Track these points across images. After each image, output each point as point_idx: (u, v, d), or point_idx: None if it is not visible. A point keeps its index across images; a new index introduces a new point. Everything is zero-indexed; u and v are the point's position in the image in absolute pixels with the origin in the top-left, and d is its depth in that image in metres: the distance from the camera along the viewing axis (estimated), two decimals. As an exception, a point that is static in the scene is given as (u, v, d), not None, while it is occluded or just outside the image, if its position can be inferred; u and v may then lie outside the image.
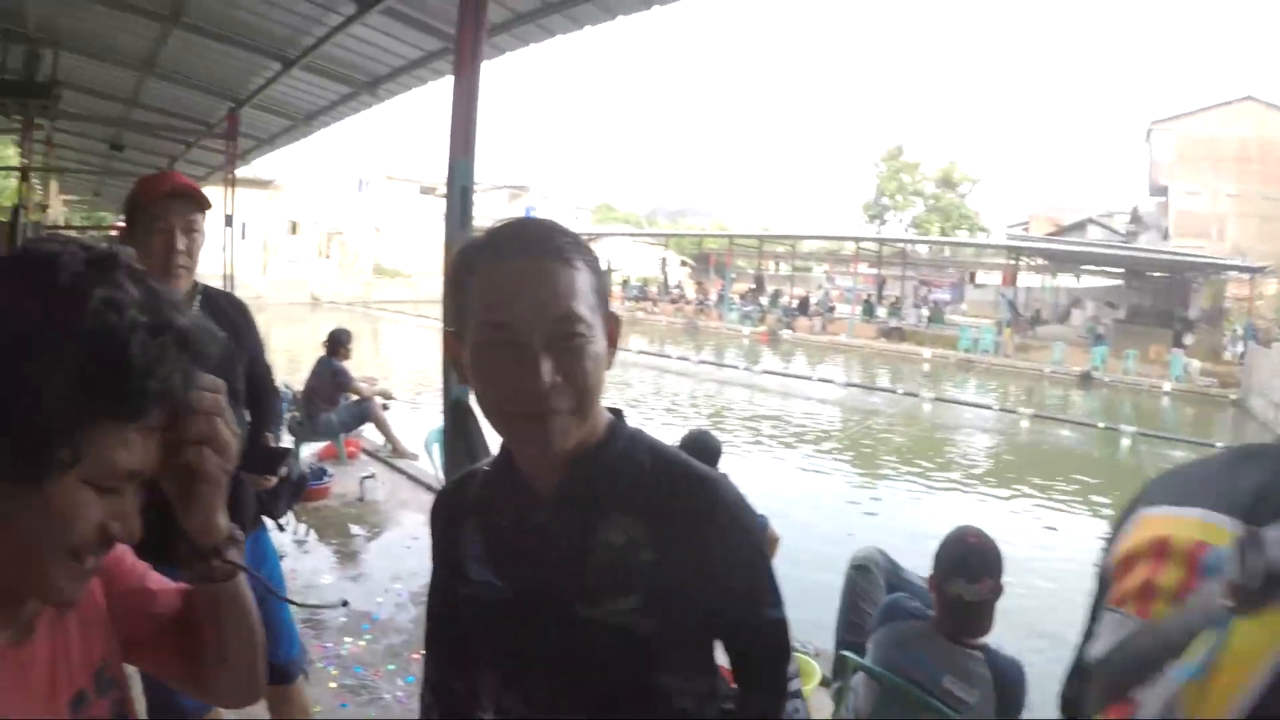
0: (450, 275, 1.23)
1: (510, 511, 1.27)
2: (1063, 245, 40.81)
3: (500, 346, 1.12)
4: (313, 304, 40.90)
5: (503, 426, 1.18)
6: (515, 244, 1.16)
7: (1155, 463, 14.56)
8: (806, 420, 18.83)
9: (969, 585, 2.81)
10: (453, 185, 5.01)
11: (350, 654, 4.56)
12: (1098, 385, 27.28)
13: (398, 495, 7.74)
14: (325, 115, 9.88)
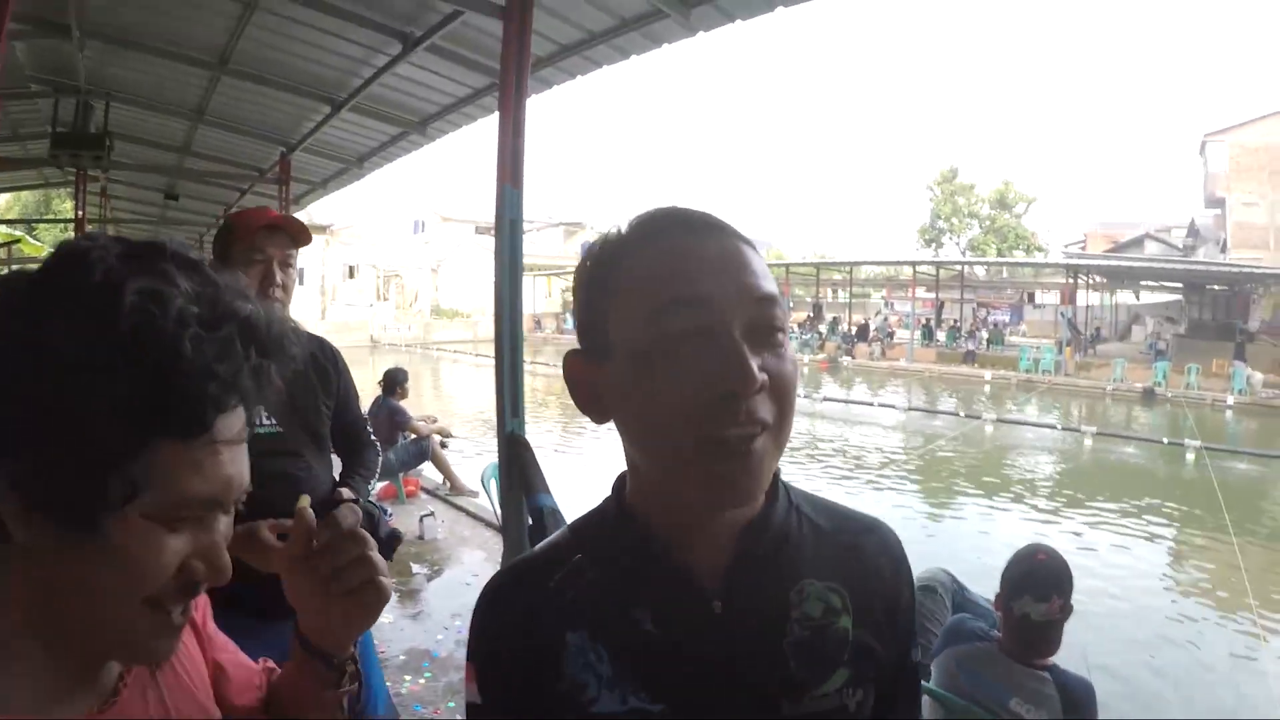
0: (584, 278, 0.98)
1: (659, 604, 0.95)
2: (1120, 262, 40.40)
3: (685, 338, 0.85)
4: (372, 346, 41.41)
5: (685, 460, 0.87)
6: (694, 221, 0.94)
7: (1220, 475, 14.32)
8: (869, 446, 18.75)
9: (1037, 604, 2.73)
10: (501, 218, 4.98)
11: (410, 692, 4.54)
12: (1160, 401, 26.98)
13: (457, 532, 7.74)
14: (376, 156, 9.97)
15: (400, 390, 8.81)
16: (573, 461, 15.08)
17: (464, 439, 14.63)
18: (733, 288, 0.88)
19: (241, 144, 10.16)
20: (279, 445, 2.35)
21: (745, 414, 0.84)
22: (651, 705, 0.91)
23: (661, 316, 0.86)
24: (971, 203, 64.42)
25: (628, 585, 0.96)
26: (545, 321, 51.33)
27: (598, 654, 0.93)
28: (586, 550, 1.00)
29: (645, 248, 0.92)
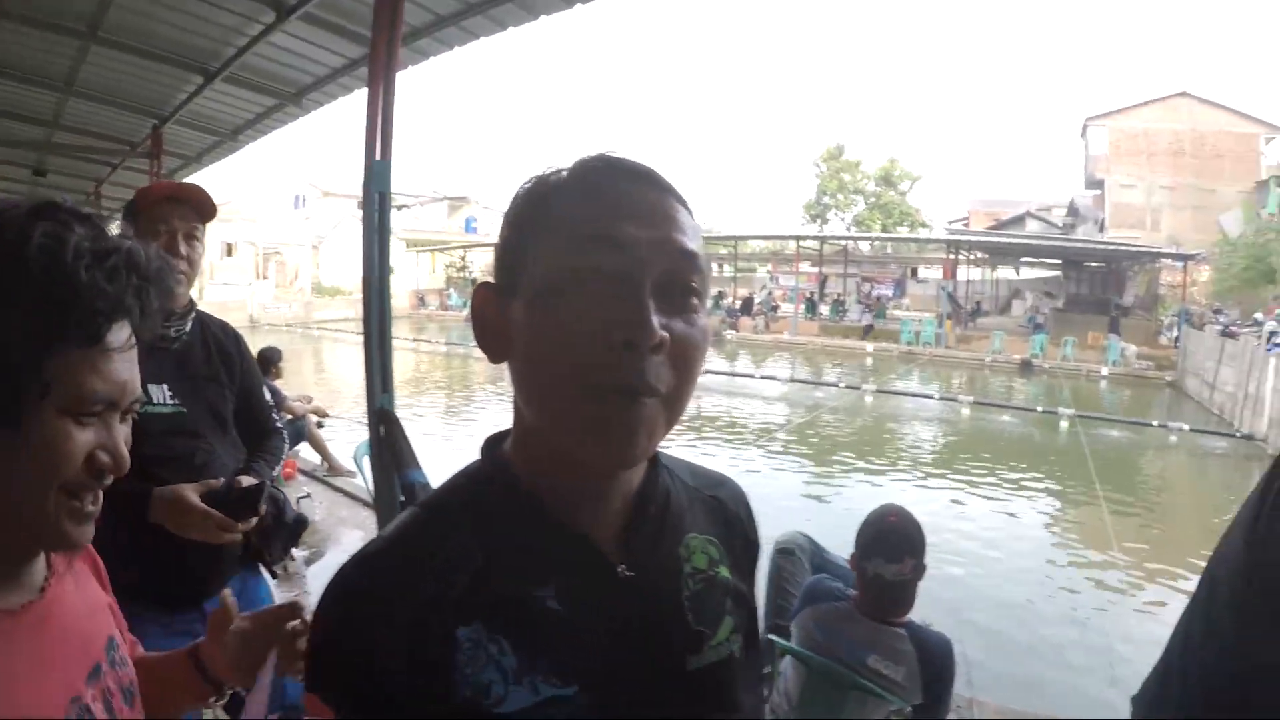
0: (511, 213, 0.90)
1: (561, 578, 0.88)
2: (1001, 239, 41.65)
3: (594, 278, 0.81)
4: (251, 326, 40.28)
5: (567, 409, 0.82)
6: (629, 167, 0.89)
7: (1092, 443, 15.14)
8: (752, 417, 19.05)
9: (889, 564, 2.82)
10: (369, 191, 4.89)
11: (286, 677, 4.44)
12: (1038, 372, 28.04)
13: (335, 513, 7.64)
14: (251, 129, 9.70)
15: (274, 369, 8.60)
16: (466, 441, 14.96)
17: (346, 418, 14.44)
18: (655, 236, 0.83)
19: (113, 117, 9.73)
20: (181, 424, 2.30)
21: (638, 370, 0.79)
22: (565, 689, 0.84)
23: (577, 252, 0.82)
24: (857, 179, 65.59)
25: (525, 561, 0.87)
26: (429, 298, 50.55)
27: (499, 646, 0.83)
28: (467, 525, 0.88)
29: (576, 186, 0.87)
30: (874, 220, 63.20)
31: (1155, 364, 28.11)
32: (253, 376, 2.72)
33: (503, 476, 0.92)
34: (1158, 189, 46.56)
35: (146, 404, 2.12)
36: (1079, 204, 52.42)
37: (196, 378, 2.41)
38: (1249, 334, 20.82)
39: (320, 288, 50.78)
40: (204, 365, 2.46)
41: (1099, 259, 39.39)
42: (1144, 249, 36.67)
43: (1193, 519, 12.72)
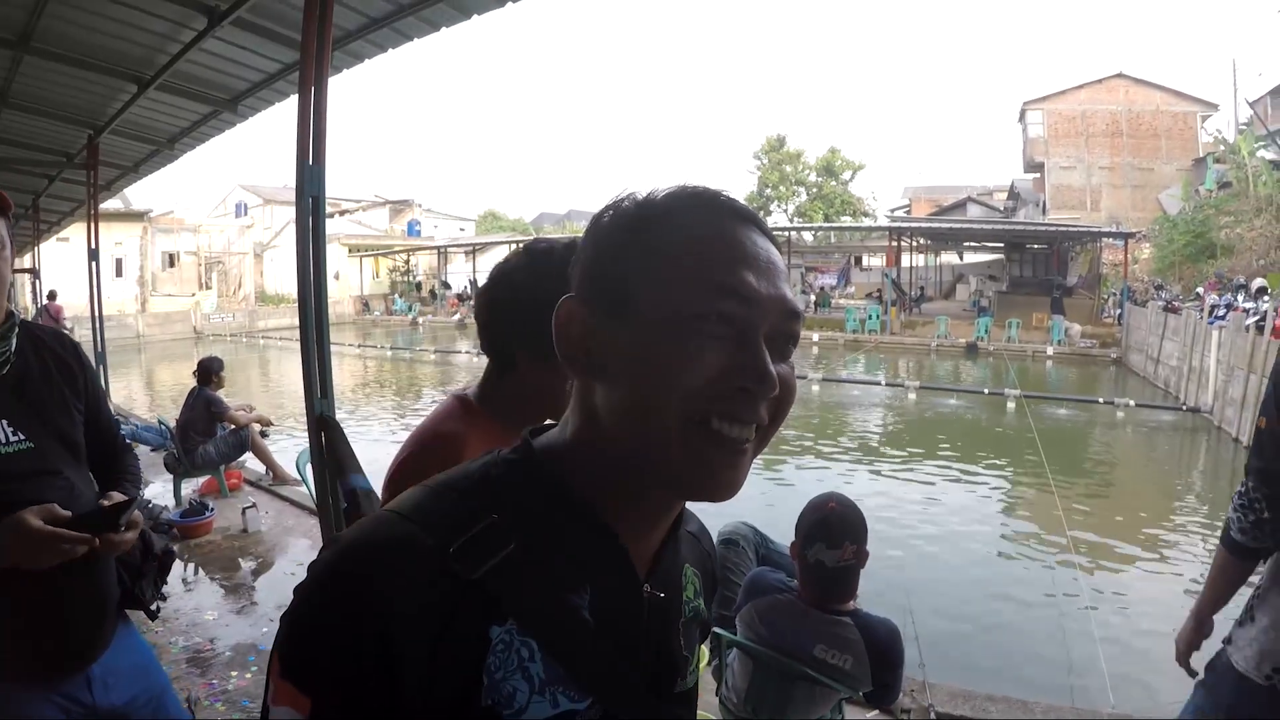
0: (615, 225, 0.89)
1: (598, 588, 0.87)
2: (942, 224, 42.15)
3: (721, 322, 0.81)
4: (196, 338, 39.79)
5: (676, 439, 0.81)
6: (747, 214, 0.90)
7: (1039, 422, 15.20)
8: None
9: (830, 551, 2.81)
10: (302, 196, 4.86)
11: (238, 688, 4.42)
12: (983, 354, 28.45)
13: (282, 523, 7.57)
14: (188, 137, 9.60)
15: (216, 379, 8.48)
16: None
17: (294, 427, 14.31)
18: (774, 294, 0.85)
19: (47, 128, 9.56)
20: (33, 464, 1.97)
21: (753, 411, 0.82)
22: (579, 703, 0.81)
23: (704, 298, 0.81)
24: (799, 170, 65.89)
25: (564, 563, 0.85)
26: (374, 303, 50.17)
27: (529, 651, 0.80)
28: (498, 509, 0.83)
29: (701, 220, 0.87)
30: (816, 211, 63.50)
31: (1100, 342, 28.57)
32: (98, 391, 2.32)
33: (551, 475, 0.88)
34: (1097, 169, 47.14)
35: None
36: (1019, 187, 53.13)
37: (40, 405, 2.06)
38: (1191, 308, 21.09)
39: (264, 296, 50.10)
40: (44, 388, 2.09)
41: (1041, 241, 39.95)
42: (1085, 229, 37.15)
43: (1142, 492, 12.98)
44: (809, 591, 2.91)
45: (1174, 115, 46.89)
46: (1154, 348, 22.87)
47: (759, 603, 3.03)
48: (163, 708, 2.27)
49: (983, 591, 8.01)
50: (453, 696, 0.75)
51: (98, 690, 2.05)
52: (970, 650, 6.58)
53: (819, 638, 2.82)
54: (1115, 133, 47.17)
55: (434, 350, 30.32)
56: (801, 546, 2.87)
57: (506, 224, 76.42)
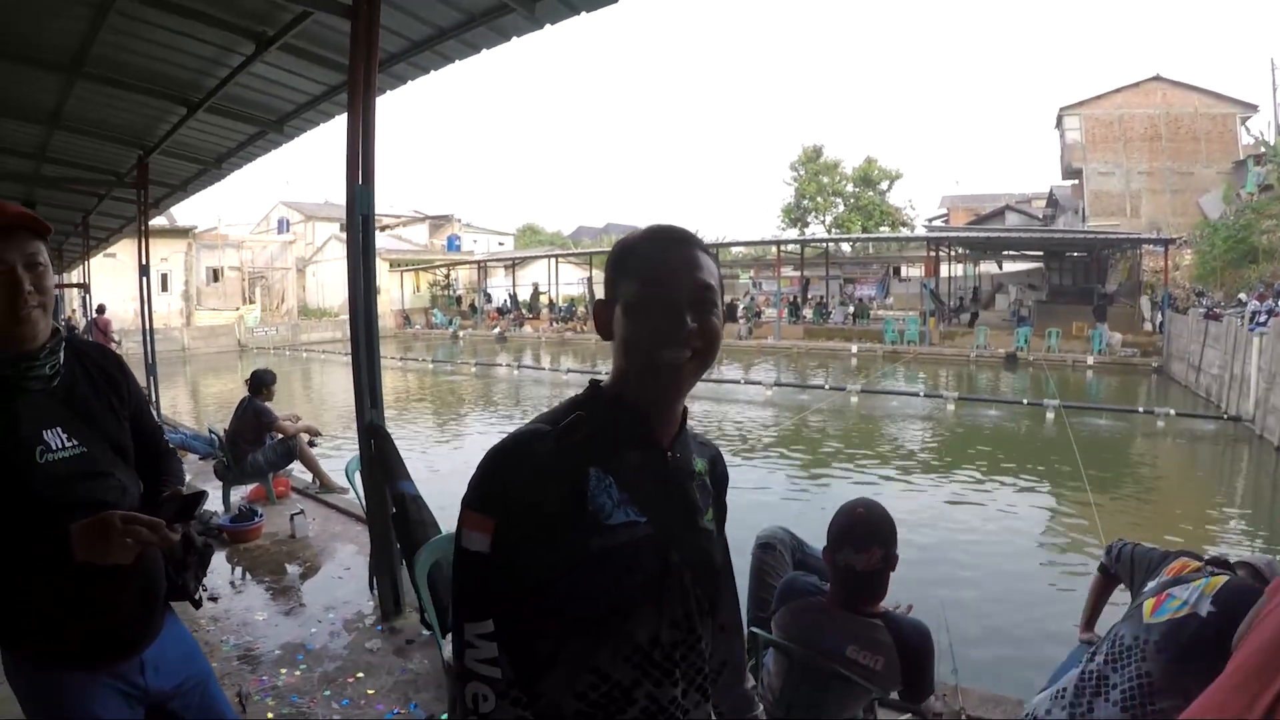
0: (613, 256, 1.50)
1: (638, 453, 1.46)
2: (981, 233, 41.58)
3: (654, 301, 1.39)
4: (240, 351, 40.27)
5: (645, 363, 1.41)
6: (674, 234, 1.47)
7: (1079, 432, 15.14)
8: (741, 421, 19.13)
9: (858, 555, 2.92)
10: (352, 214, 5.05)
11: (286, 684, 4.55)
12: (1023, 364, 28.01)
13: (329, 529, 7.71)
14: (235, 157, 9.84)
15: (267, 391, 8.64)
16: (453, 454, 15.19)
17: (338, 436, 14.51)
18: (687, 279, 1.42)
19: (99, 148, 9.85)
20: (85, 467, 2.13)
21: (679, 345, 1.39)
22: (639, 517, 1.40)
23: (647, 287, 1.40)
24: (836, 181, 65.31)
25: (623, 438, 1.44)
26: (415, 317, 50.34)
27: (609, 481, 1.39)
28: (584, 415, 1.42)
29: (646, 244, 1.46)
30: (854, 222, 62.98)
31: (1141, 350, 28.03)
32: (140, 398, 2.46)
33: (607, 394, 1.47)
34: (1136, 175, 46.35)
35: (45, 451, 2.05)
36: (1058, 194, 52.32)
37: (89, 413, 2.21)
38: (1233, 315, 20.74)
39: (306, 310, 50.64)
40: (91, 397, 2.25)
41: (1080, 248, 39.51)
42: (1124, 235, 36.46)
43: (1183, 503, 12.78)
44: (839, 594, 3.02)
45: (1213, 117, 46.02)
46: (1195, 356, 22.43)
47: (793, 605, 3.15)
48: (208, 693, 2.44)
49: (1018, 601, 7.96)
50: (574, 506, 1.35)
51: (150, 675, 2.23)
52: (1003, 658, 6.58)
53: (851, 639, 2.94)
54: (1154, 136, 46.39)
55: (474, 364, 30.61)
56: (832, 550, 2.99)
57: (545, 238, 76.57)
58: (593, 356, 33.78)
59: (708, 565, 1.53)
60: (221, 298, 46.70)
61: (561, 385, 25.45)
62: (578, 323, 43.26)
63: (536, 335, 42.43)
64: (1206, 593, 2.52)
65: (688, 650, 1.46)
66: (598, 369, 28.30)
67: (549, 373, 28.76)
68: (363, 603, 5.86)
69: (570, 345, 38.86)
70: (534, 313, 47.42)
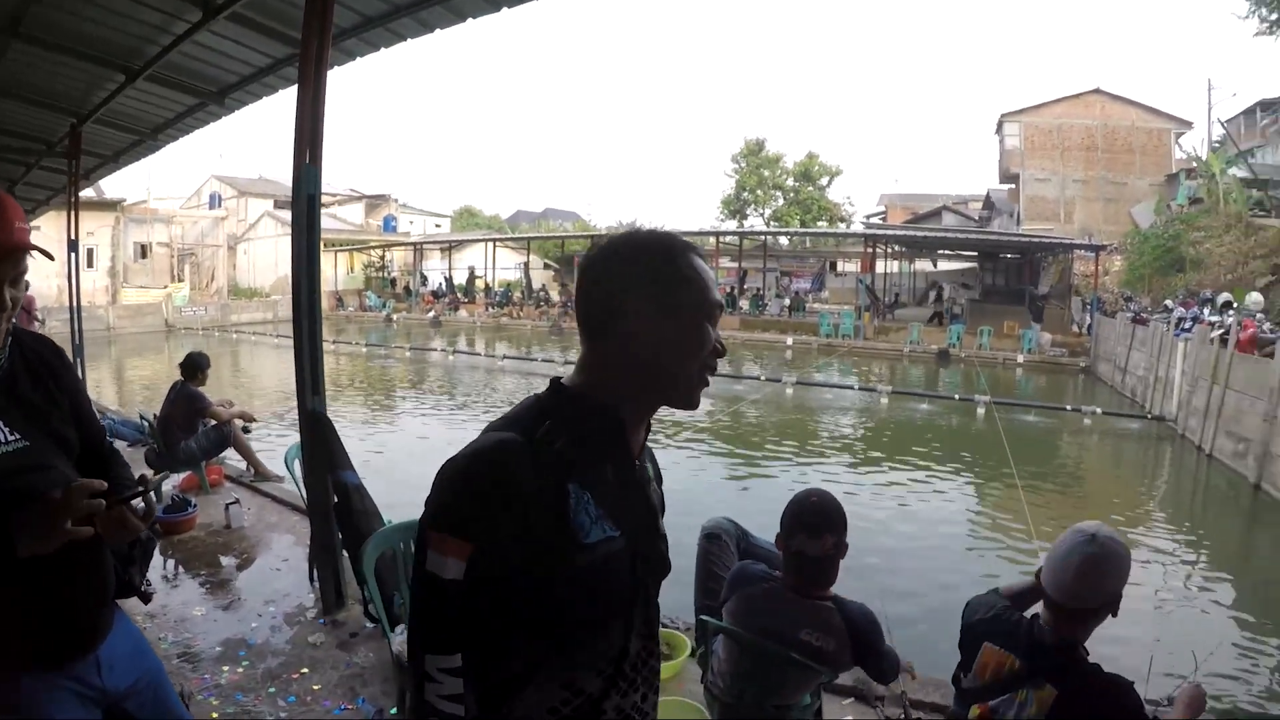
0: (647, 267, 1.41)
1: (614, 466, 1.41)
2: (919, 232, 42.39)
3: (699, 326, 1.40)
4: (167, 331, 39.27)
5: (680, 378, 1.41)
6: (696, 250, 1.47)
7: (1008, 426, 15.61)
8: (677, 412, 19.05)
9: (811, 541, 3.00)
10: (299, 194, 4.87)
11: (229, 682, 4.39)
12: (955, 361, 28.62)
13: (265, 519, 7.49)
14: (172, 128, 9.52)
15: (200, 375, 8.33)
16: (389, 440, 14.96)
17: (271, 422, 14.24)
18: (717, 301, 1.45)
19: (30, 114, 9.36)
20: (29, 460, 2.01)
21: (713, 370, 1.43)
22: (614, 532, 1.35)
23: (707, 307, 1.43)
24: (777, 175, 66.06)
25: (599, 449, 1.39)
26: (348, 299, 49.37)
27: (587, 497, 1.33)
28: (553, 424, 1.34)
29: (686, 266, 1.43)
30: (793, 216, 63.76)
31: (1069, 350, 28.99)
32: (79, 390, 2.34)
33: (584, 400, 1.40)
34: (1071, 182, 48.14)
35: None
36: (994, 197, 53.68)
37: (30, 405, 2.11)
38: (1159, 320, 21.45)
39: (237, 289, 49.55)
40: (33, 389, 2.14)
41: (1014, 250, 40.59)
42: (1058, 240, 37.73)
43: (1108, 498, 13.22)
44: (792, 579, 3.10)
45: (1148, 132, 47.91)
46: (1121, 358, 23.31)
47: (746, 591, 3.19)
48: (161, 690, 2.34)
49: (950, 588, 8.09)
50: (556, 526, 1.28)
51: (105, 674, 2.12)
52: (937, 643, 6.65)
53: (804, 622, 3.01)
54: (1090, 147, 48.11)
55: (409, 348, 30.23)
56: (785, 537, 3.06)
57: (483, 221, 75.92)
58: (528, 343, 33.74)
59: (665, 570, 1.53)
60: (149, 275, 45.37)
61: (497, 372, 25.28)
62: (513, 308, 43.13)
63: (472, 320, 42.11)
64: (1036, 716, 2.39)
65: (648, 656, 1.48)
66: (532, 355, 28.25)
67: (484, 359, 28.46)
68: (303, 595, 5.69)
69: (506, 331, 38.67)
70: (470, 297, 47.02)
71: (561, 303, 42.53)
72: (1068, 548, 2.42)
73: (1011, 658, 2.49)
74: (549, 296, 45.44)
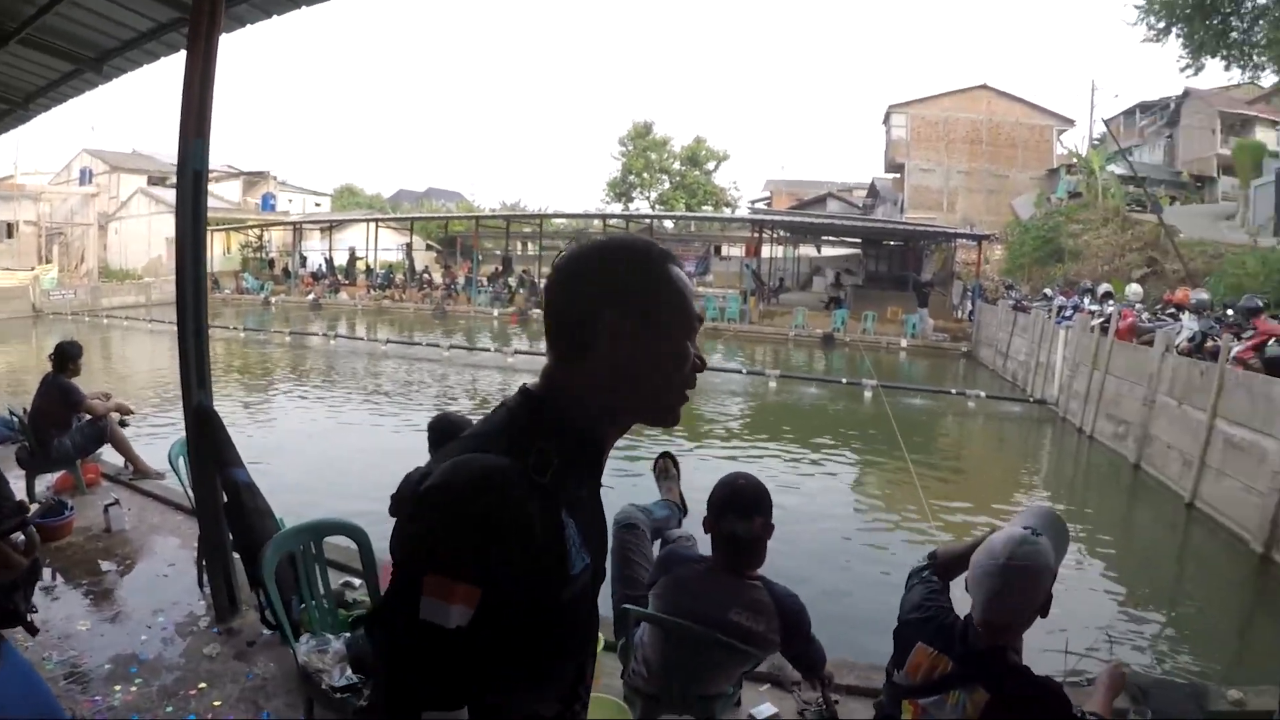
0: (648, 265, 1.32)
1: (585, 490, 1.32)
2: (806, 218, 43.04)
3: (691, 334, 1.33)
4: (35, 316, 37.19)
5: (662, 397, 1.32)
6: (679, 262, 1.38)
7: (896, 411, 15.97)
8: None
9: (740, 522, 3.06)
10: (184, 170, 4.55)
11: (123, 703, 4.05)
12: (840, 345, 29.24)
13: (147, 520, 7.01)
14: (45, 97, 8.92)
15: (73, 366, 7.78)
16: (264, 433, 14.23)
17: (149, 415, 13.63)
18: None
19: (-116, 83, 8.76)
20: None
21: (692, 387, 1.35)
22: (588, 558, 1.27)
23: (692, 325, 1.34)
24: (664, 158, 66.39)
25: (578, 471, 1.28)
26: (225, 281, 46.80)
27: (571, 525, 1.22)
28: (542, 444, 1.21)
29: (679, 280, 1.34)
30: (678, 200, 64.18)
31: (951, 335, 29.98)
32: None
33: (565, 421, 1.28)
34: (955, 173, 50.06)
35: None
36: (879, 186, 55.14)
37: None
38: (1040, 308, 22.32)
39: (108, 272, 47.22)
40: None
41: (899, 238, 41.88)
42: (942, 229, 39.27)
43: (992, 476, 13.94)
44: (723, 559, 3.15)
45: (1032, 127, 50.17)
46: (1003, 343, 24.18)
47: (677, 573, 3.25)
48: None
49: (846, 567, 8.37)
50: (555, 560, 1.19)
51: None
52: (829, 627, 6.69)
53: (734, 602, 3.08)
54: (975, 140, 50.01)
55: (288, 332, 29.16)
56: (715, 519, 3.11)
57: (364, 200, 73.91)
58: (411, 326, 33.21)
59: (601, 580, 1.42)
60: (14, 256, 43.00)
61: (380, 357, 24.69)
62: (396, 291, 42.26)
63: (353, 303, 40.98)
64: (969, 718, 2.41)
65: (589, 674, 1.41)
66: (416, 340, 27.58)
67: (366, 343, 27.87)
68: (194, 603, 5.34)
69: (388, 314, 37.94)
70: (350, 279, 45.84)
71: (445, 284, 41.85)
72: (980, 574, 2.44)
73: (945, 660, 2.51)
74: (432, 278, 44.50)
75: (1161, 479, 12.30)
